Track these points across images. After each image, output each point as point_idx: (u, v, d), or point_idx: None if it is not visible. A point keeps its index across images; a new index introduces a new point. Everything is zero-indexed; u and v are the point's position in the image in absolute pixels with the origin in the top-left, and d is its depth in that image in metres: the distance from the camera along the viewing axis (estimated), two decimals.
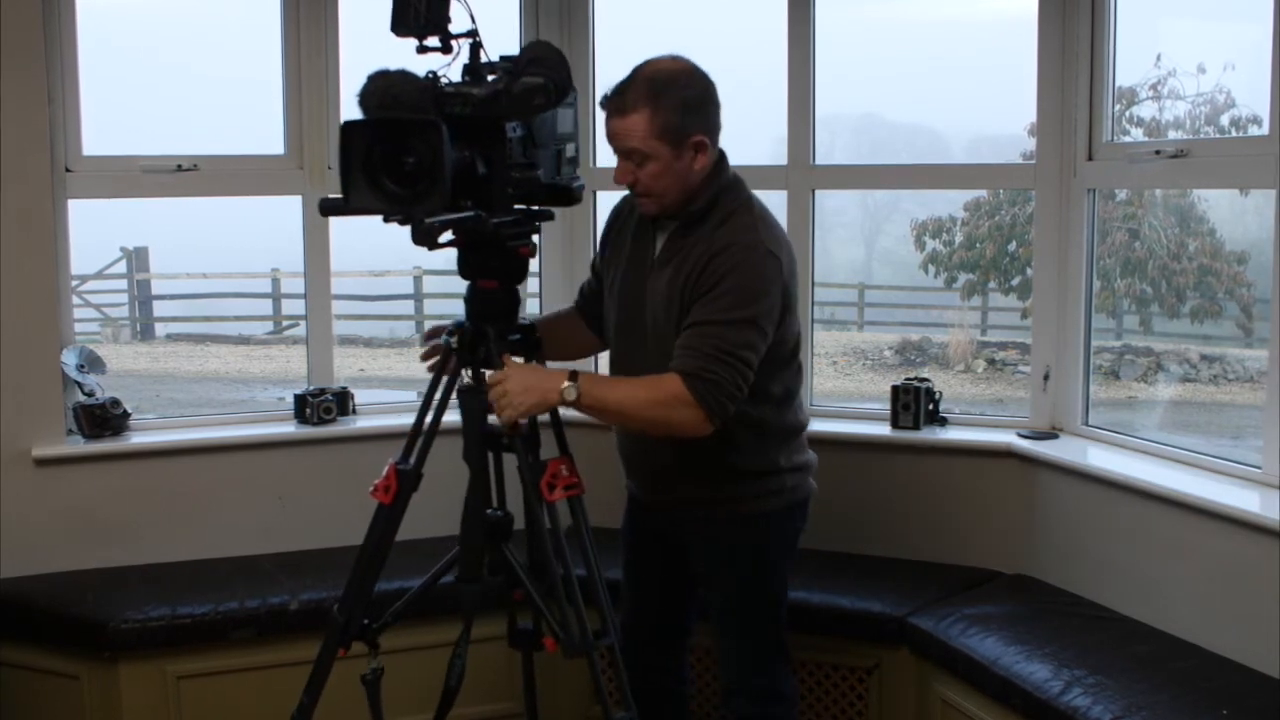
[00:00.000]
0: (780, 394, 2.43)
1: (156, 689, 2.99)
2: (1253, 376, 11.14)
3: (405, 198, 2.01)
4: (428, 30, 2.10)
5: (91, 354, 3.38)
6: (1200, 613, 2.75)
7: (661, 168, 2.28)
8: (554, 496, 2.23)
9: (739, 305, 2.24)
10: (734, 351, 2.22)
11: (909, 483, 3.33)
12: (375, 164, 2.01)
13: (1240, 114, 9.65)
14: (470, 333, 2.26)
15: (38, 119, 3.12)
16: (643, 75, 2.29)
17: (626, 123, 2.27)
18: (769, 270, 2.29)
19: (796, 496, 2.51)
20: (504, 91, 2.08)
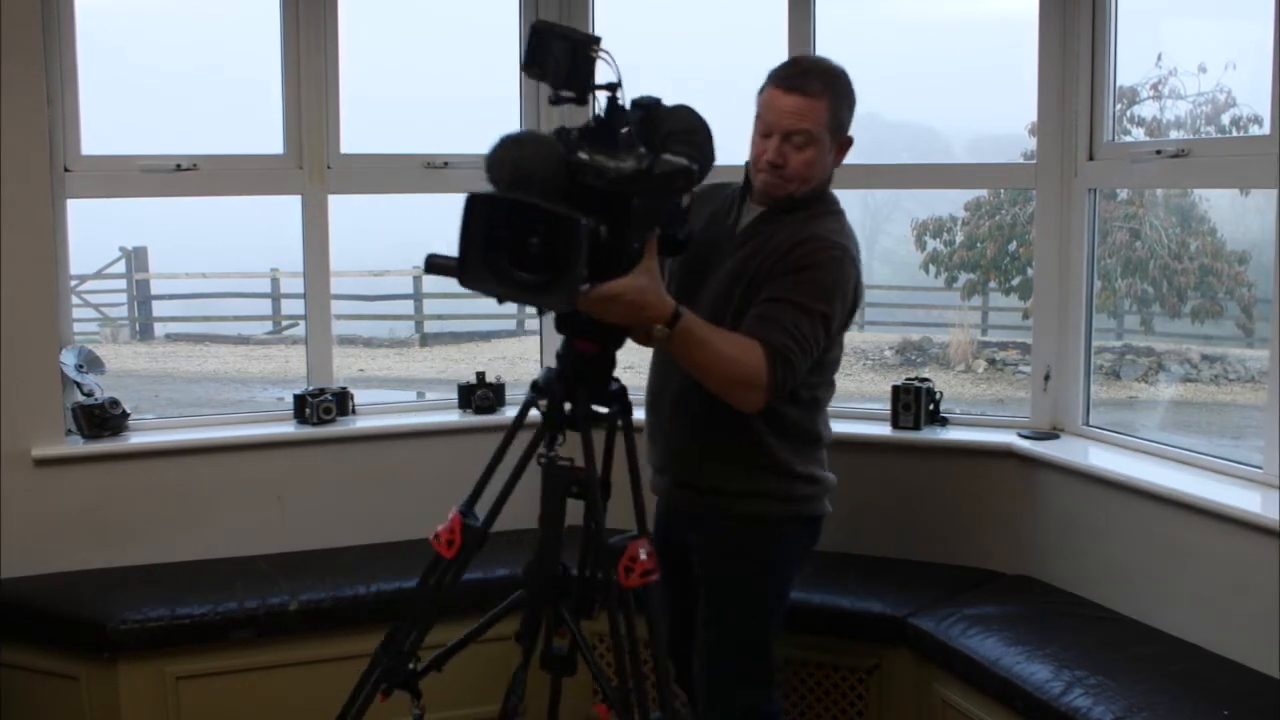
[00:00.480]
0: (808, 399, 2.41)
1: (155, 690, 2.98)
2: (1254, 377, 11.13)
3: (527, 285, 1.86)
4: (564, 84, 1.96)
5: (91, 354, 3.37)
6: (1201, 613, 2.74)
7: (816, 156, 2.31)
8: (630, 583, 2.11)
9: (818, 298, 2.26)
10: (807, 339, 2.23)
11: (909, 483, 3.33)
12: (498, 243, 1.86)
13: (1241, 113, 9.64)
14: (561, 395, 2.10)
15: (37, 119, 3.11)
16: (819, 66, 2.33)
17: (811, 104, 2.28)
18: (849, 274, 2.32)
19: (806, 510, 2.47)
20: (645, 173, 1.91)
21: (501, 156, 1.91)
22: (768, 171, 2.33)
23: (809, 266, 2.27)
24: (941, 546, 3.28)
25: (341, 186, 3.48)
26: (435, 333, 15.07)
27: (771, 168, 2.32)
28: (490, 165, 1.93)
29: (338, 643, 3.07)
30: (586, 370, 2.10)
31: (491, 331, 14.90)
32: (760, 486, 2.42)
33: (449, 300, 14.87)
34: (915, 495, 3.32)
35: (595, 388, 2.12)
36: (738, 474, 2.41)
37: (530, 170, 1.88)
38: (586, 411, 2.10)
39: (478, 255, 1.87)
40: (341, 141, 3.46)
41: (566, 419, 2.11)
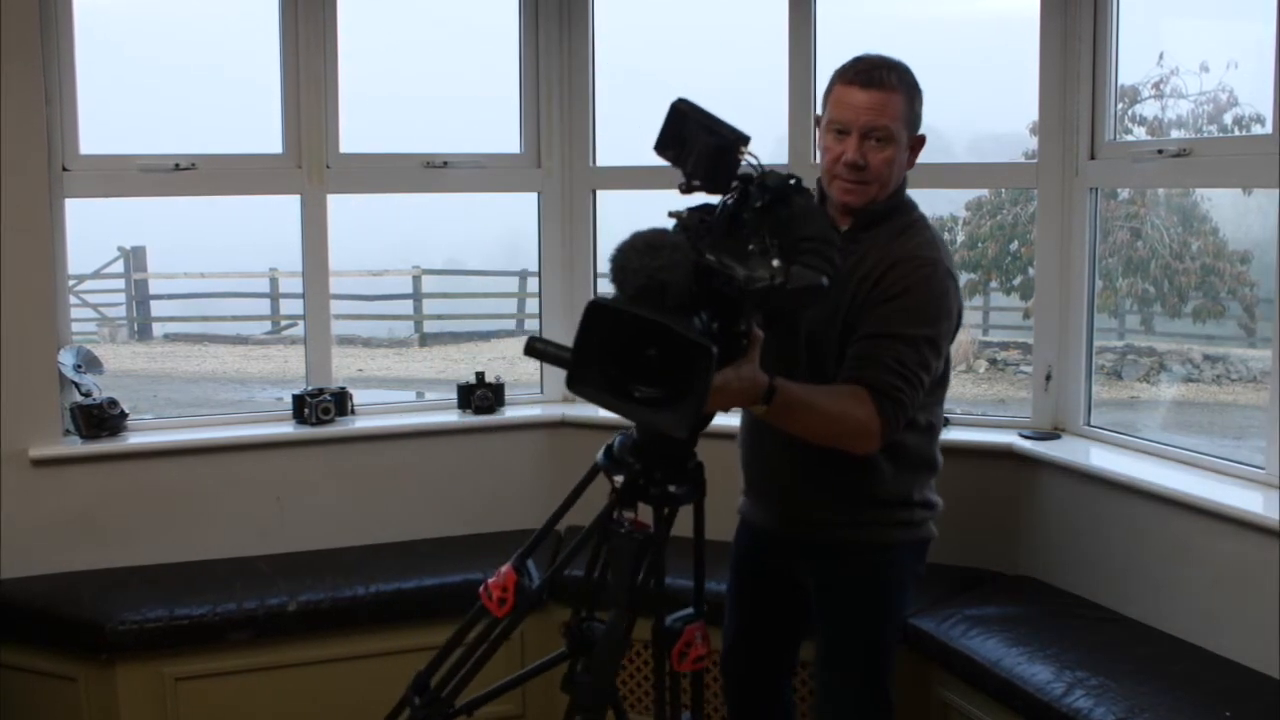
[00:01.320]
0: (924, 424, 2.33)
1: (154, 691, 2.98)
2: (1256, 377, 11.11)
3: (643, 400, 1.75)
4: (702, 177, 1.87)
5: (89, 354, 3.37)
6: (1203, 614, 2.73)
7: (894, 154, 2.22)
8: (683, 667, 2.05)
9: (920, 322, 2.15)
10: (915, 371, 2.13)
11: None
12: (615, 351, 1.75)
13: (1243, 113, 9.61)
14: (639, 473, 1.97)
15: (35, 118, 3.11)
16: (888, 60, 2.23)
17: (890, 99, 2.19)
18: (948, 290, 2.21)
19: (921, 534, 2.40)
20: (779, 288, 1.80)
21: (633, 264, 1.75)
22: (846, 174, 2.21)
23: (902, 293, 2.15)
24: (942, 547, 3.22)
25: (340, 186, 3.48)
26: (434, 333, 15.06)
27: (852, 169, 2.20)
28: (618, 270, 1.77)
29: (337, 644, 3.07)
30: (668, 450, 1.97)
31: (491, 331, 14.90)
32: (879, 516, 2.33)
33: (448, 300, 14.88)
34: None
35: (675, 468, 1.99)
36: (861, 505, 2.32)
37: (662, 282, 1.73)
38: (664, 493, 1.97)
39: (593, 365, 1.76)
40: (340, 141, 3.46)
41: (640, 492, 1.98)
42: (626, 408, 1.77)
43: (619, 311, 1.74)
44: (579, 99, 3.65)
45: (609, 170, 3.66)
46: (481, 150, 3.64)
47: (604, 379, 1.76)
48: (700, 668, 2.08)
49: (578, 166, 3.66)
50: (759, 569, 2.49)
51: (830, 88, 2.26)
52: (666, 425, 1.76)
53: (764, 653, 2.54)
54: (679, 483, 1.99)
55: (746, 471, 2.47)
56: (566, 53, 3.63)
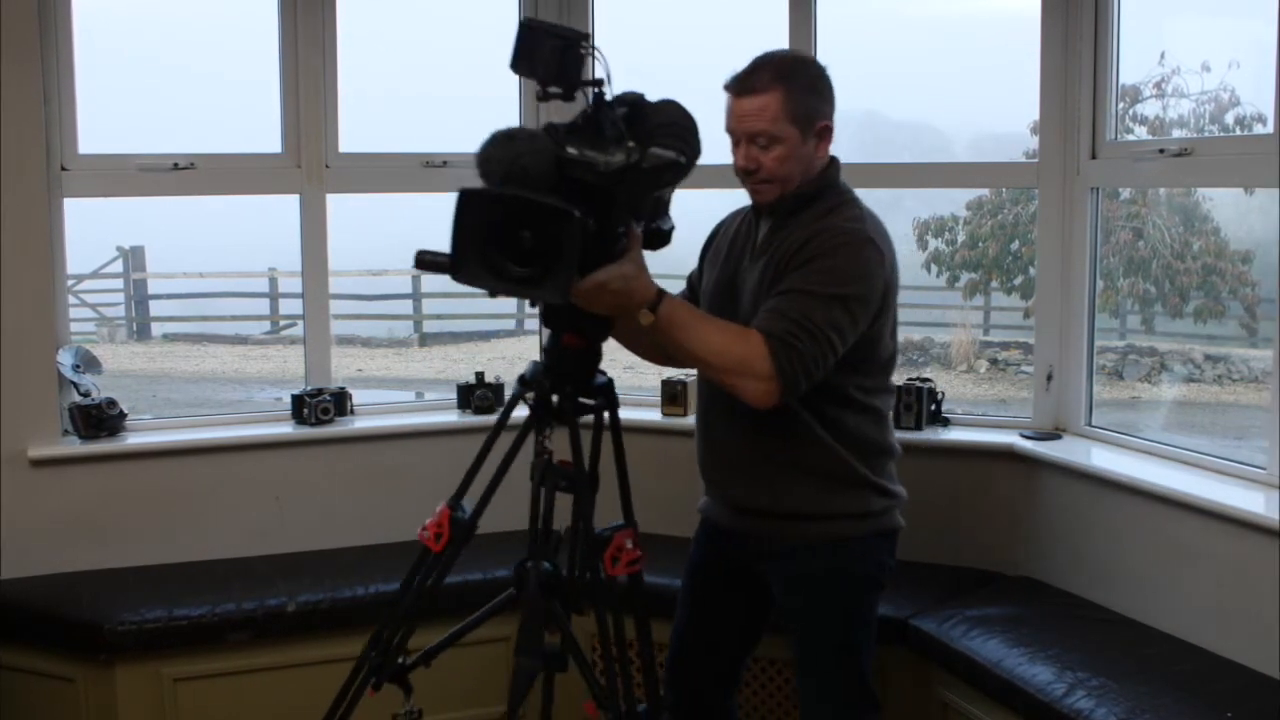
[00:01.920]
0: (864, 404, 2.31)
1: (153, 691, 2.97)
2: (1257, 377, 11.10)
3: (522, 279, 1.89)
4: (554, 80, 1.98)
5: (87, 354, 3.36)
6: (1204, 615, 2.73)
7: (788, 151, 2.23)
8: (617, 571, 2.12)
9: (831, 282, 2.16)
10: (820, 327, 2.13)
11: (911, 484, 3.26)
12: (492, 237, 1.88)
13: (1245, 112, 9.61)
14: (547, 389, 2.11)
15: (33, 117, 3.10)
16: (771, 60, 2.25)
17: (759, 102, 2.21)
18: (868, 257, 2.21)
19: (883, 524, 2.37)
20: (634, 167, 1.93)
21: (494, 154, 1.92)
22: (745, 179, 2.28)
23: (818, 255, 2.18)
24: (943, 547, 3.27)
25: (340, 185, 3.47)
26: (434, 332, 15.05)
27: (746, 174, 2.26)
28: (482, 162, 1.93)
29: (336, 644, 3.05)
30: (573, 364, 2.12)
31: (491, 331, 14.89)
32: (836, 504, 2.32)
33: (448, 300, 14.84)
34: (917, 496, 3.25)
35: (581, 381, 2.12)
36: (811, 488, 2.31)
37: (523, 166, 1.89)
38: (574, 405, 2.11)
39: (471, 250, 1.89)
40: (340, 140, 3.45)
41: (554, 413, 2.11)
42: (507, 286, 1.90)
43: (485, 194, 1.88)
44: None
45: None
46: None
47: (485, 265, 1.88)
48: (635, 570, 2.15)
49: None
50: (717, 568, 2.48)
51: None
52: (545, 295, 1.90)
53: (713, 654, 2.52)
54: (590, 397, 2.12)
55: (702, 466, 2.46)
56: None
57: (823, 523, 2.32)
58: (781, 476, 2.31)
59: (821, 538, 2.32)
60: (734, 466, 2.37)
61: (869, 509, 2.34)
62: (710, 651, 2.52)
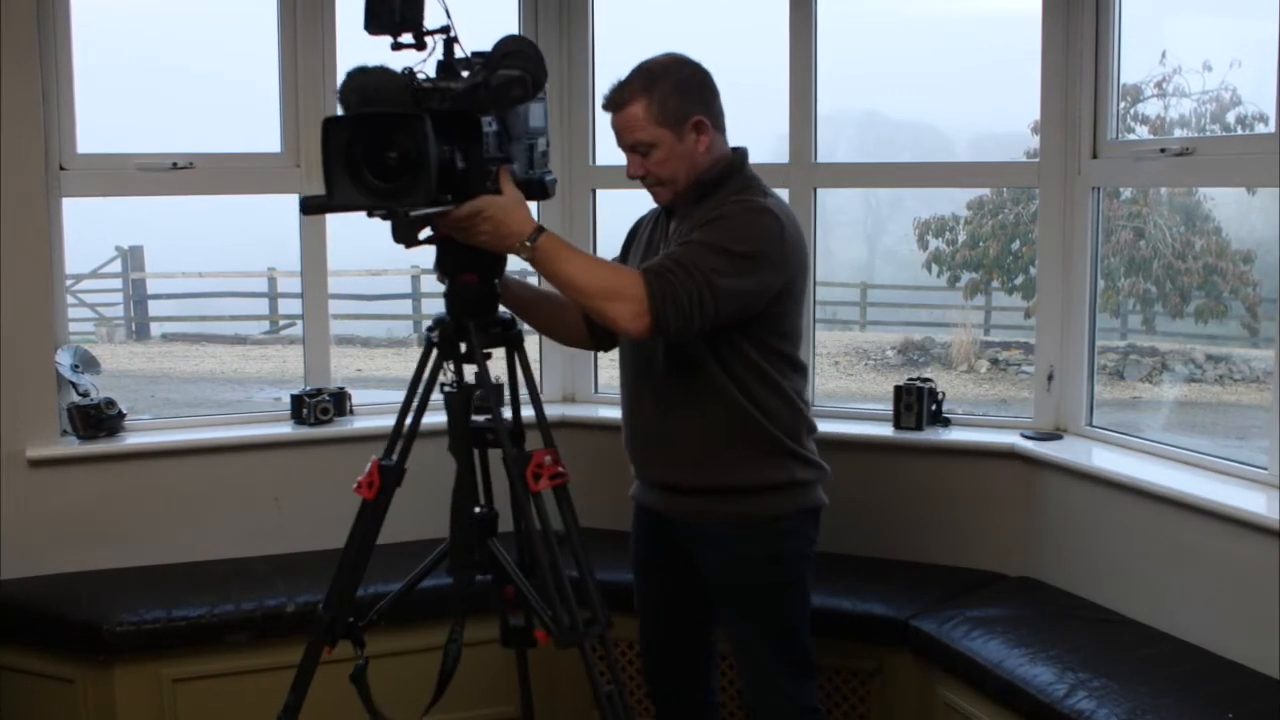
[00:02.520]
0: (773, 376, 2.37)
1: (152, 692, 2.96)
2: (1259, 377, 11.09)
3: (389, 191, 2.02)
4: (402, 27, 2.11)
5: (86, 354, 3.35)
6: (1206, 615, 2.72)
7: (666, 153, 2.32)
8: (539, 486, 2.23)
9: (719, 237, 2.25)
10: (698, 267, 2.20)
11: (911, 484, 3.31)
12: (358, 159, 2.02)
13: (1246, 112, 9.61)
14: (451, 328, 2.26)
15: (32, 117, 3.10)
16: (638, 71, 2.35)
17: (626, 115, 2.32)
18: (766, 224, 2.30)
19: (811, 501, 2.44)
20: (482, 85, 2.09)
21: (350, 84, 2.08)
22: (642, 186, 2.39)
23: (713, 220, 2.28)
24: (944, 548, 3.26)
25: None
26: None
27: (640, 180, 2.37)
28: (341, 92, 2.09)
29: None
30: (472, 302, 2.26)
31: None
32: (762, 475, 2.38)
33: None
34: (917, 496, 3.30)
35: (482, 317, 2.26)
36: (736, 459, 2.37)
37: (376, 89, 2.06)
38: (479, 340, 2.24)
39: (341, 174, 2.03)
40: None
41: (463, 355, 2.26)
42: (378, 201, 2.04)
43: (343, 118, 2.05)
44: (578, 98, 3.63)
45: (609, 169, 3.65)
46: None
47: (356, 187, 2.03)
48: (559, 483, 2.26)
49: (577, 165, 3.65)
50: (655, 554, 2.55)
51: None
52: (412, 201, 2.02)
53: (680, 644, 2.59)
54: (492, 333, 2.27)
55: (627, 444, 2.51)
56: (566, 52, 3.62)
57: (752, 497, 2.38)
58: (706, 449, 2.37)
59: (753, 517, 2.39)
60: (660, 443, 2.43)
61: (794, 478, 2.40)
62: (680, 645, 2.58)
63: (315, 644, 2.37)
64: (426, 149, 1.99)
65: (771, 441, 2.38)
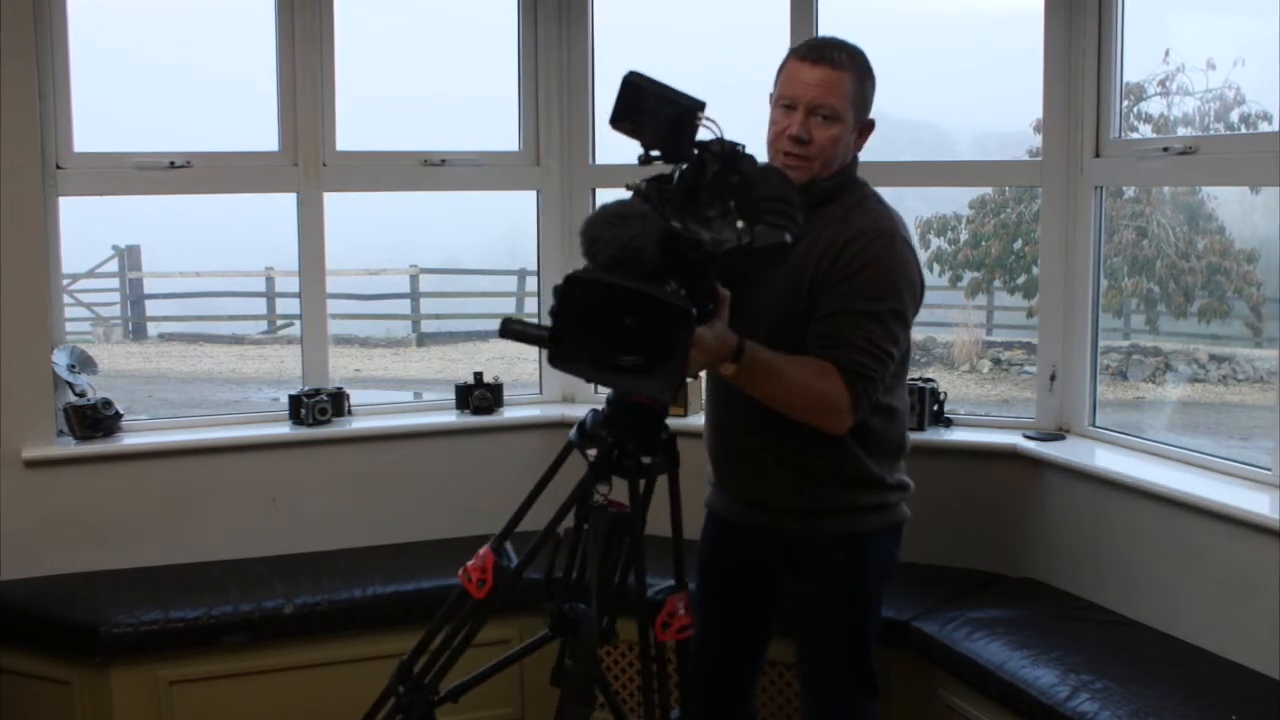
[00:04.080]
0: (886, 405, 2.29)
1: (148, 694, 2.96)
2: (1262, 377, 11.07)
3: (630, 369, 1.79)
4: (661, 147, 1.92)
5: (83, 354, 3.35)
6: (1209, 616, 2.71)
7: (841, 134, 2.21)
8: (667, 637, 2.10)
9: (882, 296, 2.15)
10: (884, 347, 2.14)
11: (913, 484, 3.28)
12: (593, 323, 1.78)
13: (1250, 110, 9.58)
14: (609, 444, 2.03)
15: (28, 115, 3.09)
16: (844, 44, 2.24)
17: (838, 76, 2.19)
18: (906, 258, 2.21)
19: (896, 517, 2.37)
20: (745, 249, 1.84)
21: (604, 234, 1.81)
22: (789, 148, 2.19)
23: (861, 268, 2.15)
24: (945, 549, 3.25)
25: (337, 184, 3.45)
26: (432, 332, 15.02)
27: (795, 142, 2.18)
28: (590, 241, 1.82)
29: (333, 647, 3.04)
30: (640, 421, 2.03)
31: (489, 331, 14.82)
32: (856, 501, 2.31)
33: (446, 300, 14.84)
34: (919, 497, 3.24)
35: (647, 439, 2.04)
36: (832, 490, 2.29)
37: (636, 250, 1.79)
38: (637, 464, 2.03)
39: (574, 337, 1.79)
40: (337, 138, 3.43)
41: (614, 467, 2.04)
42: (610, 378, 1.83)
43: (596, 283, 1.77)
44: (578, 97, 3.62)
45: (608, 168, 3.63)
46: (479, 148, 3.61)
47: (585, 352, 1.79)
48: (685, 637, 2.11)
49: (577, 164, 3.63)
50: (728, 562, 2.44)
51: (783, 65, 2.26)
52: (651, 390, 1.82)
53: (734, 653, 2.49)
54: (652, 454, 2.03)
55: (714, 460, 2.43)
56: (566, 50, 3.61)
57: (840, 518, 2.31)
58: (803, 481, 2.29)
59: (838, 535, 2.31)
60: (753, 469, 2.33)
61: (884, 502, 2.34)
62: (730, 643, 2.49)
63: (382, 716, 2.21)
64: (682, 349, 1.77)
65: (868, 475, 2.30)
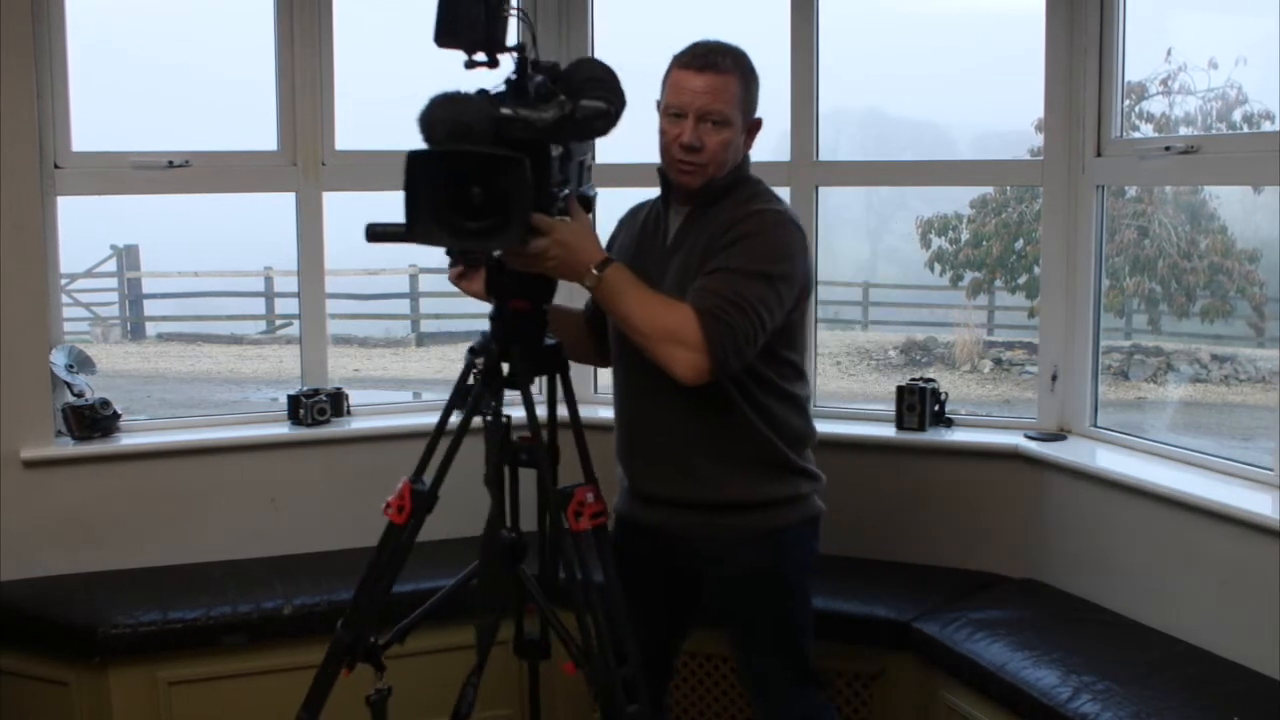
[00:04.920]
0: (785, 390, 2.34)
1: (147, 695, 2.95)
2: (1264, 377, 11.08)
3: (478, 232, 1.93)
4: (483, 46, 2.04)
5: (81, 354, 3.34)
6: (1211, 617, 2.71)
7: (730, 138, 2.25)
8: (580, 526, 2.15)
9: (758, 260, 2.19)
10: (750, 302, 2.15)
11: (914, 485, 3.29)
12: (442, 196, 1.93)
13: (1252, 109, 9.59)
14: (496, 354, 2.17)
15: (26, 114, 3.08)
16: (725, 47, 2.27)
17: (724, 81, 2.23)
18: (792, 237, 2.26)
19: (811, 510, 2.40)
20: (568, 118, 2.02)
21: (437, 114, 1.98)
22: (682, 156, 2.25)
23: (741, 237, 2.21)
24: (947, 550, 3.24)
25: (336, 183, 3.44)
26: (431, 332, 15.03)
27: (687, 150, 2.24)
28: (426, 124, 1.99)
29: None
30: (520, 329, 2.18)
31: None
32: (768, 491, 2.34)
33: (445, 300, 14.83)
34: (920, 498, 3.28)
35: (529, 345, 2.18)
36: (744, 476, 2.32)
37: (466, 124, 1.96)
38: (525, 368, 2.16)
39: (425, 212, 1.94)
40: (336, 138, 3.42)
41: (505, 379, 2.17)
42: (465, 241, 1.97)
43: (430, 155, 1.94)
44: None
45: (606, 167, 3.61)
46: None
47: (440, 225, 1.94)
48: (600, 523, 2.18)
49: None
50: (639, 566, 2.42)
51: (668, 73, 2.29)
52: (506, 241, 1.96)
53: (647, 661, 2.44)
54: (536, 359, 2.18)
55: (623, 458, 2.44)
56: (565, 51, 3.60)
57: (756, 512, 2.34)
58: (714, 466, 2.32)
59: (756, 531, 2.34)
60: (663, 458, 2.36)
61: (798, 492, 2.37)
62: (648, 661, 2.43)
63: (332, 663, 2.27)
64: (524, 195, 1.91)
65: (778, 457, 2.34)
